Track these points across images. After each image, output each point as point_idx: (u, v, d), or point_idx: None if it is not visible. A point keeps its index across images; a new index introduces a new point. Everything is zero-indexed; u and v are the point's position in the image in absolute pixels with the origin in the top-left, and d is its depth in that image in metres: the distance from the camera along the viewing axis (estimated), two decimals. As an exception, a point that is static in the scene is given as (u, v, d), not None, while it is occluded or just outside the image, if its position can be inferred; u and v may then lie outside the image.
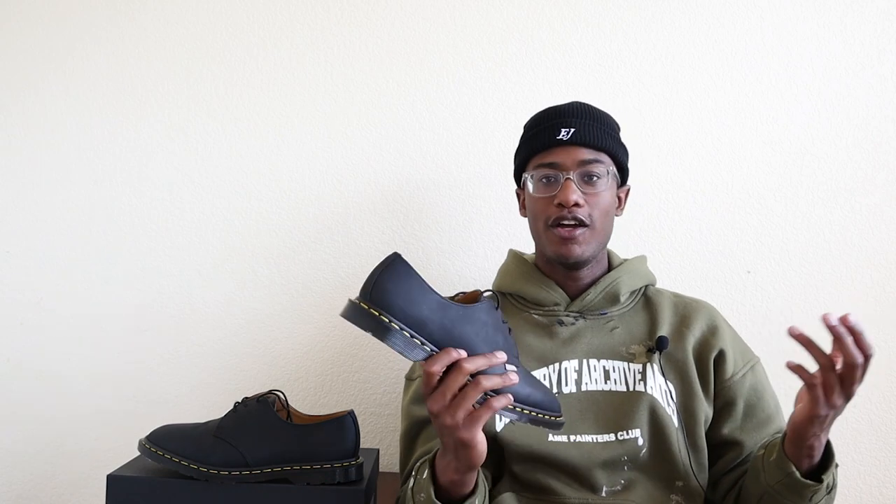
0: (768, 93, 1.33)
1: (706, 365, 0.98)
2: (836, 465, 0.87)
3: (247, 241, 1.41)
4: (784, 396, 1.28)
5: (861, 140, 1.31)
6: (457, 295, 0.80)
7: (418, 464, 0.87)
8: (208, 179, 1.42)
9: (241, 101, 1.42)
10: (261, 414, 0.93)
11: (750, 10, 1.33)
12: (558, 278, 1.03)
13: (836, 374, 0.78)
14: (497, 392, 0.71)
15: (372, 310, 0.71)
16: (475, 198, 1.37)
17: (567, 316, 1.01)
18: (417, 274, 0.72)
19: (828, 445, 0.85)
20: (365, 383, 1.37)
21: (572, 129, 0.97)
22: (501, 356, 0.72)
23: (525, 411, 0.75)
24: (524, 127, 1.06)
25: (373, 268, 0.73)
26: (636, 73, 1.35)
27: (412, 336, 0.71)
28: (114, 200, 1.43)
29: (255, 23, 1.42)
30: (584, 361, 0.97)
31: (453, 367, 0.71)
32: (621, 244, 1.33)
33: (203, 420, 0.98)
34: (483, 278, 1.36)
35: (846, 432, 1.27)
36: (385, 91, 1.39)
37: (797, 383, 1.28)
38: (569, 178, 0.95)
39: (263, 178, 1.41)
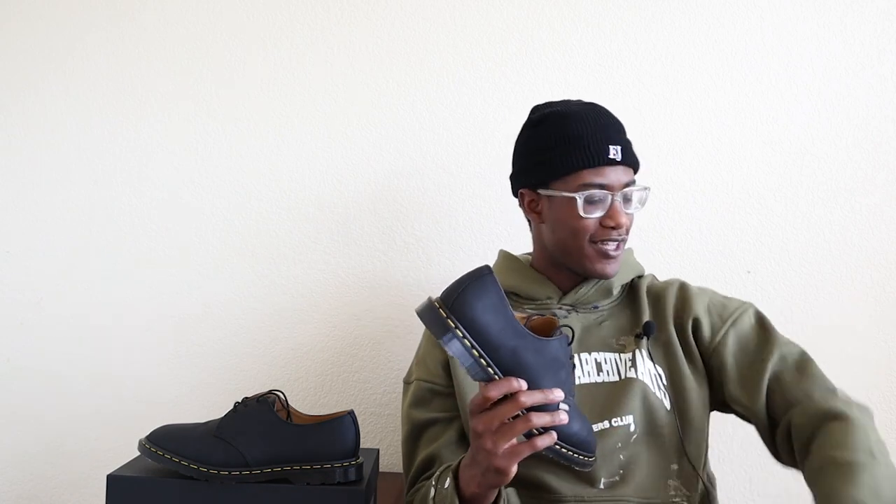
0: (768, 93, 1.33)
1: (686, 338, 0.98)
2: None
3: (247, 241, 1.41)
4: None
5: (861, 140, 1.31)
6: (531, 317, 0.78)
7: (438, 472, 0.87)
8: (208, 179, 1.42)
9: (241, 101, 1.42)
10: (261, 414, 0.93)
11: (750, 10, 1.33)
12: (552, 274, 1.03)
13: None
14: (545, 429, 0.71)
15: (449, 319, 0.69)
16: (475, 198, 1.37)
17: (559, 309, 1.02)
18: (503, 295, 0.71)
19: None
20: (365, 383, 1.37)
21: (620, 147, 0.94)
22: (559, 395, 0.72)
23: (563, 450, 0.74)
24: (552, 125, 0.97)
25: (458, 276, 0.72)
26: (636, 73, 1.35)
27: (480, 356, 0.70)
28: (114, 200, 1.43)
29: (255, 23, 1.42)
30: (577, 355, 0.98)
31: (509, 395, 0.70)
32: (621, 244, 1.33)
33: (203, 420, 0.98)
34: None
35: (846, 432, 1.27)
36: (385, 91, 1.39)
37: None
38: (616, 201, 0.94)
39: (263, 178, 1.41)
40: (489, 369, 0.70)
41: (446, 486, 0.81)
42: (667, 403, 0.95)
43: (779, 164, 1.32)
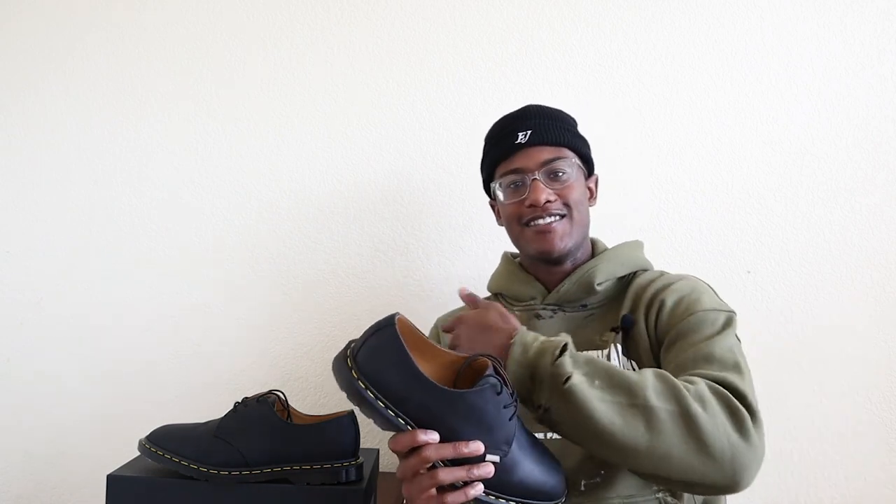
0: (768, 93, 1.33)
1: (651, 325, 0.91)
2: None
3: (247, 241, 1.41)
4: (780, 401, 1.29)
5: (861, 140, 1.31)
6: (475, 357, 0.74)
7: None
8: (208, 179, 1.42)
9: (241, 101, 1.42)
10: (261, 414, 0.93)
11: (750, 10, 1.33)
12: (539, 273, 1.03)
13: None
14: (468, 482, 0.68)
15: (353, 371, 0.68)
16: (475, 198, 1.37)
17: (544, 309, 1.00)
18: (404, 347, 0.68)
19: None
20: (365, 383, 1.37)
21: (529, 131, 0.98)
22: (474, 447, 0.67)
23: (501, 500, 0.70)
24: (484, 140, 1.07)
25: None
26: (636, 73, 1.35)
27: (386, 408, 0.68)
28: (114, 200, 1.43)
29: (255, 23, 1.42)
30: None
31: (419, 451, 0.68)
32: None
33: (203, 420, 0.98)
34: (483, 279, 1.35)
35: (846, 432, 1.27)
36: (385, 91, 1.39)
37: (793, 387, 1.29)
38: (535, 179, 0.96)
39: (263, 178, 1.41)
40: (399, 420, 0.68)
41: None
42: None
43: (779, 164, 1.32)
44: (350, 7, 1.40)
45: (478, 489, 0.68)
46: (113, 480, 0.93)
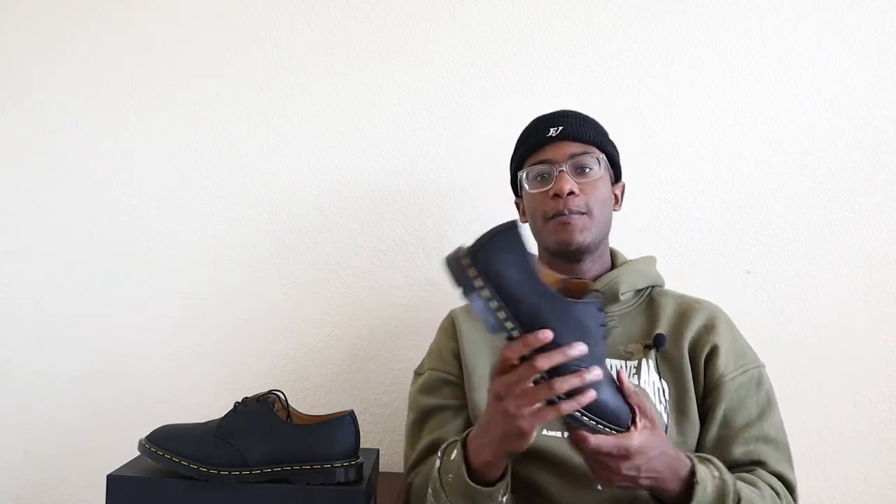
0: (768, 93, 1.33)
1: (697, 362, 0.96)
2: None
3: (247, 241, 1.41)
4: (780, 402, 1.28)
5: (861, 140, 1.31)
6: (572, 278, 0.76)
7: (444, 445, 0.87)
8: (208, 179, 1.42)
9: (241, 101, 1.42)
10: (261, 414, 0.93)
11: (750, 10, 1.33)
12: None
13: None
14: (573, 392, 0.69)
15: (470, 268, 0.68)
16: (475, 198, 1.37)
17: None
18: (528, 249, 0.69)
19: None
20: (365, 383, 1.37)
21: (560, 127, 1.00)
22: (579, 349, 0.68)
23: (588, 419, 0.71)
24: (516, 142, 1.09)
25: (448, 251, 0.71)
26: (636, 73, 1.35)
27: (498, 308, 0.68)
28: (114, 200, 1.43)
29: (255, 23, 1.42)
30: None
31: (529, 357, 0.68)
32: (621, 244, 1.33)
33: (203, 420, 0.98)
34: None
35: (846, 432, 1.27)
36: (385, 91, 1.39)
37: (793, 388, 1.29)
38: (562, 171, 0.97)
39: (263, 178, 1.41)
40: (507, 323, 0.68)
41: (453, 456, 0.80)
42: (665, 418, 0.93)
43: (779, 164, 1.32)
44: (350, 7, 1.40)
45: (590, 395, 0.69)
46: (113, 480, 0.93)
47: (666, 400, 0.94)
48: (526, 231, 0.85)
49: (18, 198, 1.44)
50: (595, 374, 0.69)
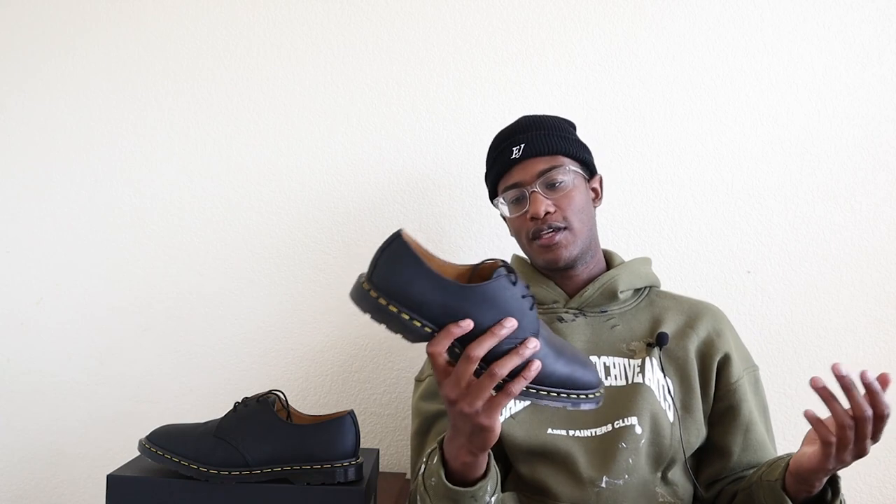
0: (768, 93, 1.33)
1: (709, 368, 0.98)
2: (842, 502, 0.85)
3: (247, 240, 1.41)
4: (780, 402, 1.29)
5: (861, 140, 1.31)
6: (481, 263, 0.75)
7: (429, 451, 0.87)
8: (208, 179, 1.42)
9: (241, 101, 1.42)
10: (261, 414, 0.93)
11: (750, 10, 1.33)
12: (556, 279, 1.05)
13: (853, 432, 0.76)
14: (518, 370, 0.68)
15: (371, 291, 0.68)
16: (475, 198, 1.37)
17: (566, 312, 1.02)
18: (415, 253, 0.68)
19: (834, 478, 0.84)
20: (365, 383, 1.37)
21: (522, 145, 1.00)
22: (508, 325, 0.67)
23: (551, 394, 0.70)
24: (486, 159, 1.09)
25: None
26: (636, 73, 1.35)
27: (411, 318, 0.67)
28: (114, 200, 1.43)
29: (256, 23, 1.42)
30: None
31: (462, 354, 0.68)
32: (621, 244, 1.33)
33: (203, 420, 0.98)
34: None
35: (846, 432, 1.27)
36: (385, 91, 1.39)
37: (793, 387, 1.29)
38: (534, 191, 0.98)
39: (263, 178, 1.41)
40: (425, 329, 0.68)
41: (435, 460, 0.81)
42: (670, 415, 0.95)
43: (779, 164, 1.32)
44: (350, 7, 1.40)
45: (536, 366, 0.68)
46: (113, 480, 0.93)
47: (671, 397, 0.96)
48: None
49: (18, 198, 1.44)
50: (532, 345, 0.68)
